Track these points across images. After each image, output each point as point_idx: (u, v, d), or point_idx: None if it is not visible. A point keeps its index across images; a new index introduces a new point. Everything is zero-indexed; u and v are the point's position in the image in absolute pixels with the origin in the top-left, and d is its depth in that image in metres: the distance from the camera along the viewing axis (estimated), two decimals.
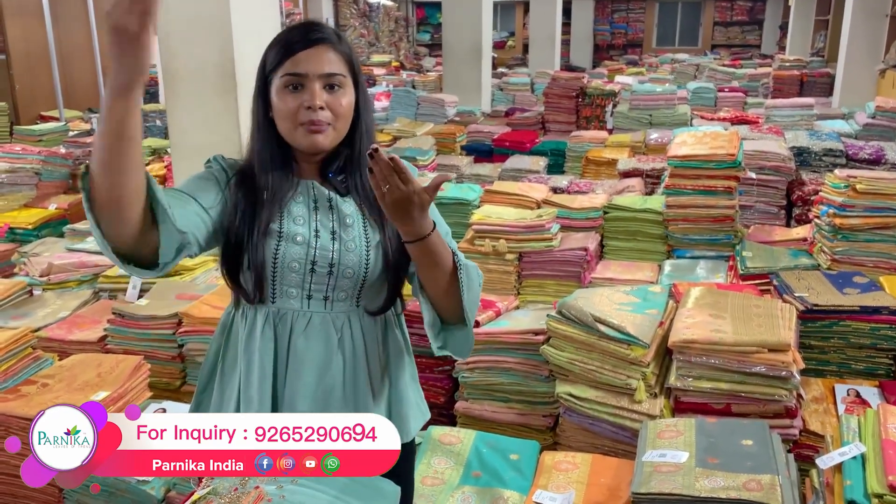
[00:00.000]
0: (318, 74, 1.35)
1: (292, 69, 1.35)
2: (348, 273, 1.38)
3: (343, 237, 1.39)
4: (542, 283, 3.40)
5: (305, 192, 1.41)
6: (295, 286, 1.38)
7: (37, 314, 2.98)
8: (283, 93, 1.35)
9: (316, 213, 1.40)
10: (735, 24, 17.48)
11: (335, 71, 1.36)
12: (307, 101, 1.33)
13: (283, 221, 1.38)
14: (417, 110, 6.94)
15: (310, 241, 1.37)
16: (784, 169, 4.14)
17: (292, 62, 1.35)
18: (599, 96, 6.44)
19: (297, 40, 1.36)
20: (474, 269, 1.41)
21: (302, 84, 1.35)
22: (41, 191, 4.91)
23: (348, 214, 1.40)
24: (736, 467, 1.73)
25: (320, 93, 1.34)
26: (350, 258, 1.38)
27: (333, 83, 1.36)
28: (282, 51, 1.36)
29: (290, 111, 1.35)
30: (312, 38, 1.36)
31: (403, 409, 1.47)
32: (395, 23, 15.84)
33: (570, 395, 2.26)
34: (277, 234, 1.37)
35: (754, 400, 2.10)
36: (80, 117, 7.70)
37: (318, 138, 1.35)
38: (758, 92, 8.64)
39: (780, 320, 2.26)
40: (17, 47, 8.23)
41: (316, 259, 1.37)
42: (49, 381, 2.28)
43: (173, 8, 3.56)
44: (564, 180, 4.58)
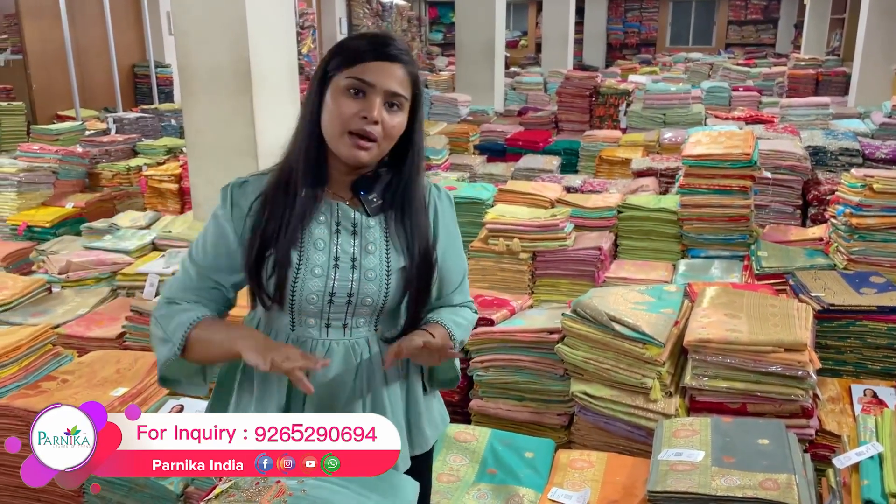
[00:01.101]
0: (385, 89, 1.30)
1: (361, 74, 1.30)
2: (367, 301, 1.36)
3: (363, 265, 1.36)
4: (556, 282, 3.40)
5: (329, 213, 1.37)
6: (314, 316, 1.36)
7: (56, 311, 3.02)
8: (343, 95, 1.30)
9: (337, 236, 1.36)
10: (749, 22, 17.37)
11: (400, 91, 1.32)
12: (365, 111, 1.29)
13: (303, 247, 1.35)
14: (430, 110, 6.95)
15: (328, 272, 1.34)
16: (800, 168, 4.12)
17: (363, 68, 1.30)
18: (613, 95, 6.43)
19: (373, 49, 1.32)
20: (468, 330, 1.47)
21: (364, 92, 1.30)
22: (58, 189, 4.95)
23: (371, 241, 1.37)
24: (752, 466, 1.73)
25: (380, 107, 1.30)
26: (369, 287, 1.36)
27: (395, 102, 1.32)
28: (353, 54, 1.32)
29: (344, 115, 1.30)
30: (390, 52, 1.32)
31: (422, 422, 1.47)
32: (408, 22, 15.85)
33: (585, 394, 2.27)
34: (296, 264, 1.34)
35: (770, 399, 2.10)
36: (96, 116, 7.75)
37: (361, 154, 1.31)
38: (773, 91, 8.60)
39: (796, 320, 2.25)
40: (34, 48, 8.30)
41: (335, 290, 1.35)
42: (69, 377, 2.31)
43: (190, 8, 3.59)
44: (578, 180, 4.58)
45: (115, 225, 4.10)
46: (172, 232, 3.90)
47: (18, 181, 4.70)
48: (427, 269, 1.40)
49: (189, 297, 1.39)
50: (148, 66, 9.61)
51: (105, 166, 5.28)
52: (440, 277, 1.45)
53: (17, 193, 4.70)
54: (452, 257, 1.47)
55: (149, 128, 6.80)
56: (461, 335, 1.44)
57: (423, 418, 1.46)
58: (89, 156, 5.33)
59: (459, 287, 1.50)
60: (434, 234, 1.43)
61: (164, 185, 4.88)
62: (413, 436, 1.45)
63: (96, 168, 5.27)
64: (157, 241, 3.79)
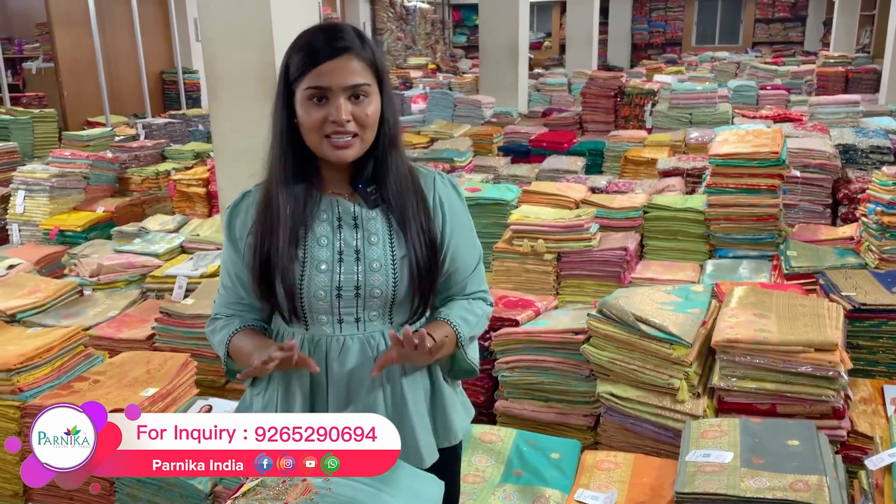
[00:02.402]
0: (343, 87, 1.31)
1: (316, 82, 1.30)
2: (376, 293, 1.37)
3: (367, 256, 1.37)
4: (581, 283, 3.38)
5: (329, 209, 1.39)
6: (324, 313, 1.38)
7: (87, 313, 3.07)
8: (308, 105, 1.32)
9: (340, 231, 1.38)
10: (777, 20, 17.13)
11: (360, 81, 1.32)
12: (332, 116, 1.30)
13: (307, 245, 1.37)
14: (454, 112, 6.95)
15: (333, 266, 1.36)
16: (829, 167, 4.05)
17: (316, 74, 1.30)
18: (638, 95, 6.37)
19: (320, 49, 1.31)
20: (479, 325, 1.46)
21: (326, 97, 1.31)
22: (89, 194, 5.04)
23: (373, 232, 1.38)
24: (782, 467, 1.71)
25: (345, 105, 1.31)
26: (376, 278, 1.37)
27: (358, 93, 1.32)
28: (305, 60, 1.32)
29: (315, 123, 1.31)
30: (336, 48, 1.31)
31: (448, 415, 1.47)
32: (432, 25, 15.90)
33: (612, 395, 2.25)
34: (301, 262, 1.36)
35: (800, 400, 2.06)
36: (126, 123, 7.89)
37: (345, 153, 1.33)
38: (801, 89, 8.47)
39: (826, 319, 2.22)
40: (65, 56, 8.48)
41: (341, 284, 1.36)
42: (100, 378, 2.35)
43: (216, 15, 3.63)
44: (603, 180, 4.55)
45: (145, 229, 4.17)
46: (200, 235, 3.95)
47: (51, 186, 4.79)
48: (431, 251, 1.39)
49: (227, 312, 1.48)
50: (176, 73, 9.76)
51: (134, 171, 5.36)
52: (452, 265, 1.44)
53: (49, 198, 4.79)
54: (462, 243, 1.46)
55: (177, 133, 6.90)
56: (469, 332, 1.42)
57: (448, 410, 1.46)
58: (119, 161, 5.42)
59: (473, 273, 1.48)
60: (442, 221, 1.43)
61: (192, 188, 4.95)
62: (439, 428, 1.45)
63: (126, 173, 5.36)
64: (185, 244, 3.85)
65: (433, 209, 1.43)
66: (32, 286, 3.17)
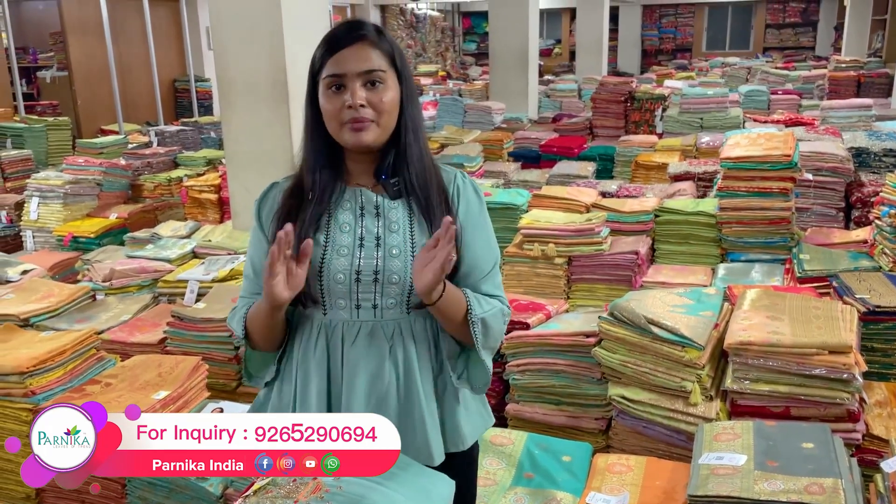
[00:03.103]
0: (357, 72, 1.35)
1: (333, 70, 1.36)
2: (394, 279, 1.38)
3: (388, 242, 1.39)
4: (592, 287, 3.37)
5: (353, 199, 1.43)
6: (343, 297, 1.39)
7: (100, 317, 3.08)
8: (328, 94, 1.38)
9: (362, 219, 1.41)
10: (788, 26, 17.08)
11: (374, 67, 1.36)
12: (348, 101, 1.35)
13: (329, 231, 1.40)
14: (464, 118, 6.97)
15: (353, 251, 1.39)
16: (842, 170, 4.03)
17: (333, 62, 1.37)
18: (649, 100, 6.36)
19: (340, 38, 1.37)
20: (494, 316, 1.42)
21: (343, 84, 1.36)
22: (102, 201, 5.07)
23: (394, 221, 1.41)
24: (796, 470, 1.69)
25: (360, 91, 1.35)
26: (395, 264, 1.38)
27: (374, 79, 1.36)
28: (325, 49, 1.38)
29: (334, 111, 1.37)
30: (353, 35, 1.37)
31: (458, 418, 1.46)
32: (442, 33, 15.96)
33: (623, 398, 2.24)
34: (323, 246, 1.39)
35: (815, 403, 2.05)
36: (139, 130, 7.95)
37: (362, 135, 1.36)
38: (813, 94, 8.44)
39: (840, 322, 2.20)
40: (78, 64, 8.57)
41: (361, 268, 1.38)
42: (112, 381, 2.36)
43: (228, 22, 3.67)
44: (614, 185, 4.54)
45: (157, 234, 4.19)
46: (212, 241, 3.96)
47: (64, 193, 4.83)
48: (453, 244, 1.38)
49: (248, 301, 1.49)
50: (188, 81, 9.83)
51: (147, 178, 5.40)
52: (467, 263, 1.44)
53: (63, 205, 4.82)
54: (479, 243, 1.46)
55: (189, 140, 6.94)
56: (481, 312, 1.39)
57: (460, 414, 1.45)
58: (132, 168, 5.46)
59: (488, 276, 1.47)
60: (457, 214, 1.44)
61: (203, 195, 4.97)
62: (448, 431, 1.44)
63: (139, 180, 5.39)
64: (197, 249, 3.86)
65: (451, 203, 1.45)
66: (46, 291, 3.19)
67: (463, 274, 1.45)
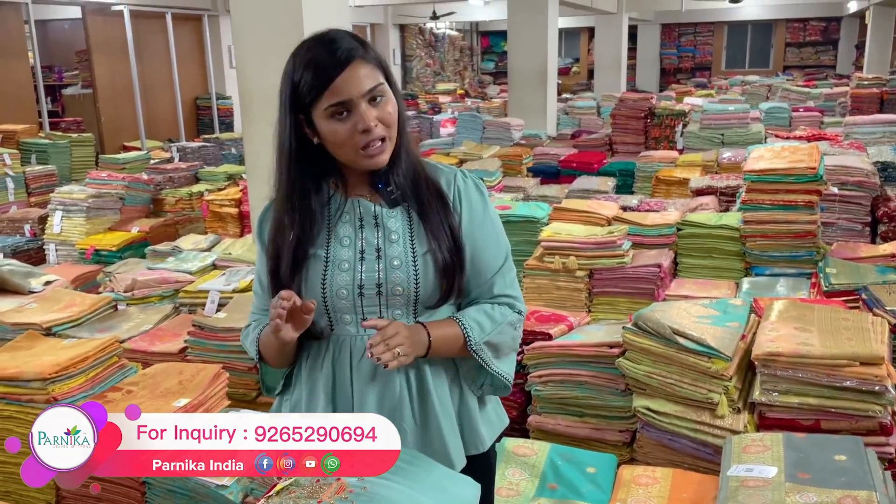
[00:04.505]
0: (361, 94, 1.30)
1: (335, 98, 1.30)
2: (397, 290, 1.37)
3: (388, 254, 1.37)
4: (613, 300, 3.34)
5: (352, 211, 1.40)
6: (348, 312, 1.38)
7: (121, 327, 3.10)
8: (332, 122, 1.31)
9: (362, 231, 1.39)
10: (808, 44, 17.01)
11: (373, 84, 1.31)
12: (360, 125, 1.30)
13: (329, 246, 1.38)
14: (483, 134, 6.97)
15: (355, 265, 1.37)
16: (868, 184, 3.97)
17: (332, 91, 1.29)
18: (669, 116, 6.33)
19: (327, 64, 1.30)
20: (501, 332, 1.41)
21: (347, 110, 1.30)
22: (124, 215, 5.12)
23: (394, 230, 1.39)
24: (829, 483, 1.65)
25: (369, 111, 1.30)
26: (397, 275, 1.36)
27: (375, 95, 1.32)
28: (316, 79, 1.30)
29: (344, 138, 1.31)
30: (343, 59, 1.30)
31: (476, 420, 1.44)
32: (461, 52, 16.06)
33: (648, 410, 2.20)
34: (324, 261, 1.37)
35: (846, 416, 2.00)
36: (161, 147, 8.04)
37: (380, 158, 1.34)
38: (835, 111, 8.35)
39: (871, 333, 2.15)
40: (103, 82, 8.71)
41: (363, 282, 1.37)
42: (133, 388, 2.36)
43: (250, 36, 3.71)
44: (634, 199, 4.51)
45: (178, 248, 4.21)
46: (232, 254, 3.97)
47: (87, 207, 4.88)
48: (454, 245, 1.38)
49: (257, 317, 1.51)
50: (210, 98, 9.96)
51: (168, 192, 5.45)
52: (473, 264, 1.42)
53: (85, 219, 4.87)
54: (484, 241, 1.43)
55: (210, 156, 7.02)
56: (481, 337, 1.38)
57: (476, 416, 1.44)
58: (154, 182, 5.51)
59: (499, 273, 1.44)
60: (460, 218, 1.41)
61: (224, 209, 5.01)
62: (466, 434, 1.43)
63: (160, 194, 5.44)
64: (217, 262, 3.88)
65: (452, 205, 1.42)
66: (68, 300, 3.21)
67: (474, 274, 1.43)
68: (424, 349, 1.35)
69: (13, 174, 5.93)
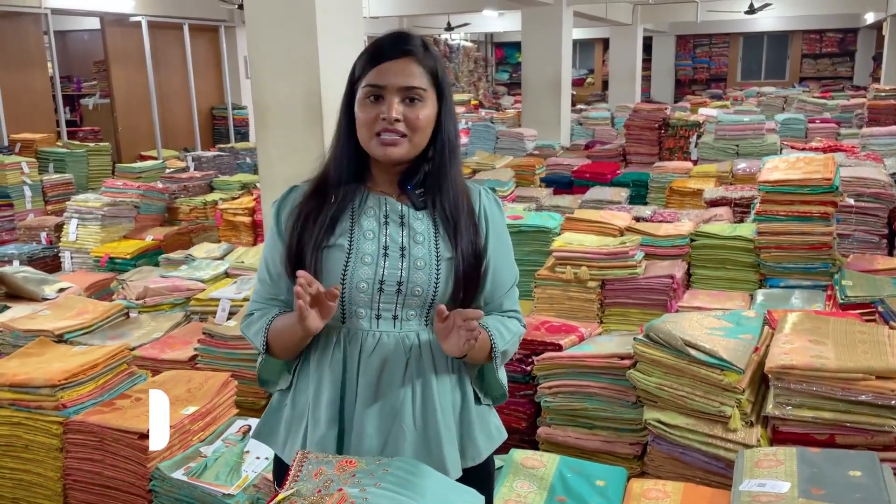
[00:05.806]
0: (397, 87, 1.35)
1: (374, 80, 1.35)
2: (417, 291, 1.37)
3: (413, 254, 1.38)
4: (626, 311, 3.31)
5: (377, 206, 1.42)
6: (363, 306, 1.38)
7: (132, 335, 3.11)
8: (364, 103, 1.37)
9: (386, 227, 1.40)
10: (825, 56, 16.91)
11: (415, 84, 1.35)
12: (383, 113, 1.34)
13: (353, 237, 1.39)
14: (496, 144, 6.98)
15: (378, 260, 1.37)
16: (885, 196, 3.92)
17: (375, 73, 1.36)
18: (683, 127, 6.31)
19: (384, 49, 1.37)
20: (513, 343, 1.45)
21: (381, 95, 1.35)
22: (139, 223, 5.15)
23: (419, 232, 1.40)
24: (843, 499, 1.61)
25: (397, 105, 1.34)
26: (419, 276, 1.37)
27: (413, 96, 1.35)
28: (368, 59, 1.37)
29: (367, 121, 1.36)
30: (399, 49, 1.36)
31: (475, 431, 1.45)
32: (475, 63, 16.09)
33: (660, 422, 2.17)
34: (346, 251, 1.37)
35: (861, 430, 1.96)
36: (177, 156, 8.11)
37: (392, 150, 1.36)
38: (851, 123, 8.27)
39: (887, 346, 2.11)
40: (120, 92, 8.81)
41: (384, 278, 1.37)
42: (142, 396, 2.35)
43: (265, 47, 3.74)
44: (648, 210, 4.48)
45: (191, 256, 4.23)
46: (245, 262, 3.99)
47: (102, 215, 4.92)
48: (476, 258, 1.40)
49: (262, 306, 1.48)
50: (226, 109, 10.03)
51: (183, 201, 5.48)
52: (491, 280, 1.45)
53: (101, 227, 4.91)
54: (502, 260, 1.48)
55: (225, 165, 7.06)
56: (503, 345, 1.42)
57: (475, 427, 1.44)
58: (169, 191, 5.55)
59: (509, 292, 1.50)
60: (485, 233, 1.44)
61: (237, 218, 5.03)
62: (464, 444, 1.43)
63: (175, 203, 5.48)
64: (230, 270, 3.89)
65: (478, 222, 1.45)
66: (80, 308, 3.23)
67: (489, 292, 1.47)
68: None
69: (31, 182, 6.00)
